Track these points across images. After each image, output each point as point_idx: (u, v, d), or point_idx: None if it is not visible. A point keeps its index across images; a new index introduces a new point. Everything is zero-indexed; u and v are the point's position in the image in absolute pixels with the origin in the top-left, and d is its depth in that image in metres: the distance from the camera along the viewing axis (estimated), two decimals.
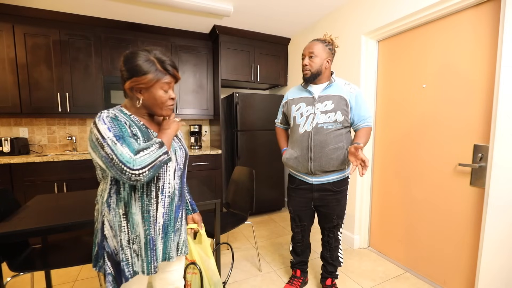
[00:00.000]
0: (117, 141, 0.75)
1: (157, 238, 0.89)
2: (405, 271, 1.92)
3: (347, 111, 1.41)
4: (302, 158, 1.46)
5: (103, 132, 0.75)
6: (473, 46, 1.48)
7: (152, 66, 0.82)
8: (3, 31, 2.25)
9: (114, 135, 0.76)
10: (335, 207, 1.51)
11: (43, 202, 1.45)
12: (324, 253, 1.64)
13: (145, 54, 0.83)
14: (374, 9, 1.98)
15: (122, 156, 0.73)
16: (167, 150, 0.83)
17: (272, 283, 1.79)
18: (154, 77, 0.82)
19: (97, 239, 0.86)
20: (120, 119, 0.82)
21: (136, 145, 0.79)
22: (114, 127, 0.78)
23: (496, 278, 1.35)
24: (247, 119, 2.90)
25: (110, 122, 0.78)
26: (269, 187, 3.11)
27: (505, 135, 1.29)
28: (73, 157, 2.32)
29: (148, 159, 0.76)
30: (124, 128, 0.80)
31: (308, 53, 1.41)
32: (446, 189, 1.65)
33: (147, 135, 0.87)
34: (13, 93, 2.31)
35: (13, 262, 1.26)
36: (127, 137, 0.78)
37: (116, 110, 0.86)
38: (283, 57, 3.19)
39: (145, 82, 0.82)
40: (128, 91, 0.86)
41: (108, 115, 0.80)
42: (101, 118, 0.78)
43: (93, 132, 0.78)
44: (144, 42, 2.71)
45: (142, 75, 0.81)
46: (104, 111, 0.82)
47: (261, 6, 2.33)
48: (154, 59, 0.83)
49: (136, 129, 0.85)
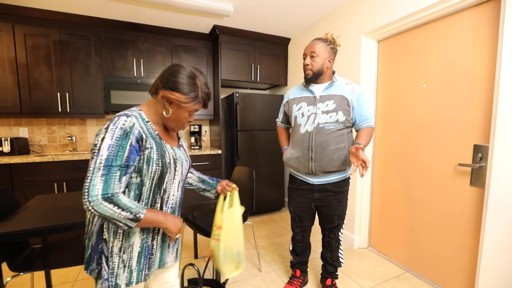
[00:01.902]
0: (103, 169, 0.72)
1: (155, 247, 0.89)
2: (405, 271, 1.91)
3: (348, 111, 1.40)
4: (303, 158, 1.46)
5: (102, 147, 0.73)
6: (473, 46, 1.48)
7: (194, 91, 0.83)
8: (3, 31, 2.25)
9: (107, 158, 0.73)
10: (335, 208, 1.50)
11: (43, 202, 1.45)
12: (324, 253, 1.63)
13: (193, 76, 0.83)
14: (374, 9, 1.98)
15: (93, 186, 0.71)
16: (134, 227, 0.78)
17: (272, 283, 1.79)
18: (191, 101, 0.83)
19: (91, 242, 0.84)
20: (133, 130, 0.78)
21: (117, 185, 0.74)
22: (114, 148, 0.74)
23: (496, 278, 1.35)
24: (247, 119, 2.90)
25: (116, 139, 0.74)
26: (269, 187, 3.11)
27: (505, 135, 1.29)
28: (73, 157, 2.32)
29: (108, 213, 0.72)
30: (121, 152, 0.75)
31: (310, 53, 1.40)
32: (446, 189, 1.65)
33: (160, 146, 0.84)
34: (13, 93, 2.31)
35: (13, 262, 1.26)
36: (115, 168, 0.74)
37: (134, 116, 0.81)
38: (283, 57, 3.19)
39: (181, 101, 0.82)
40: (160, 97, 0.84)
41: (122, 128, 0.76)
42: (113, 130, 0.75)
43: (98, 136, 0.75)
44: (144, 42, 2.71)
45: (182, 93, 0.82)
46: (122, 118, 0.77)
47: (261, 6, 2.33)
48: (199, 86, 0.84)
49: (150, 141, 0.82)
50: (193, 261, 2.09)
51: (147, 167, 0.81)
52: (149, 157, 0.81)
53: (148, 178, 0.82)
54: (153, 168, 0.81)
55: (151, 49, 2.76)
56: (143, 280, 0.87)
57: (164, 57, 2.81)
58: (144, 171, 0.81)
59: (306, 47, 1.43)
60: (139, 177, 0.81)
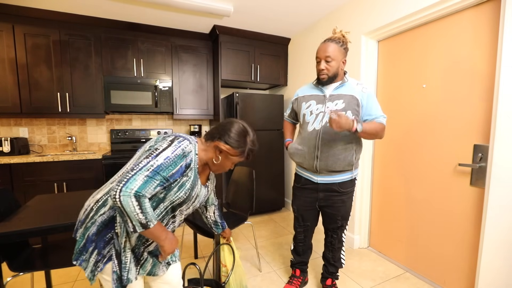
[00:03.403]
0: (150, 172, 0.79)
1: (145, 254, 0.95)
2: (405, 271, 1.91)
3: (358, 110, 1.38)
4: (309, 155, 1.45)
5: (161, 154, 0.82)
6: (473, 46, 1.48)
7: (243, 147, 0.97)
8: (3, 31, 2.25)
9: (159, 165, 0.80)
10: (340, 208, 1.49)
11: (43, 202, 1.45)
12: (326, 254, 1.63)
13: (247, 135, 0.98)
14: (374, 9, 1.98)
15: (134, 181, 0.76)
16: (137, 232, 0.80)
17: (272, 283, 1.79)
18: (238, 154, 0.97)
19: (89, 232, 0.85)
20: (188, 156, 0.88)
21: (150, 190, 0.79)
22: (170, 160, 0.83)
23: (496, 278, 1.35)
24: (247, 119, 2.90)
25: (175, 156, 0.84)
26: (269, 187, 3.11)
27: (505, 135, 1.29)
28: (73, 157, 2.32)
29: (129, 208, 0.75)
30: (172, 167, 0.83)
31: (325, 57, 1.35)
32: (446, 189, 1.65)
33: (195, 180, 0.93)
34: (13, 93, 2.31)
35: (13, 262, 1.26)
36: (160, 176, 0.81)
37: (194, 145, 0.92)
38: (283, 57, 3.19)
39: (229, 152, 0.95)
40: (214, 146, 0.95)
41: (183, 150, 0.86)
42: (176, 147, 0.85)
43: (162, 143, 0.86)
44: (144, 42, 2.71)
45: (233, 147, 0.95)
46: (186, 142, 0.89)
47: (261, 6, 2.33)
48: (247, 143, 0.97)
49: (192, 171, 0.91)
50: (193, 261, 2.08)
51: (177, 191, 0.88)
52: (183, 184, 0.89)
53: (170, 199, 0.89)
54: (180, 194, 0.89)
55: (151, 49, 2.76)
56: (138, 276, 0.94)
57: (164, 57, 2.81)
58: (172, 192, 0.88)
59: (320, 50, 1.38)
60: (164, 194, 0.87)
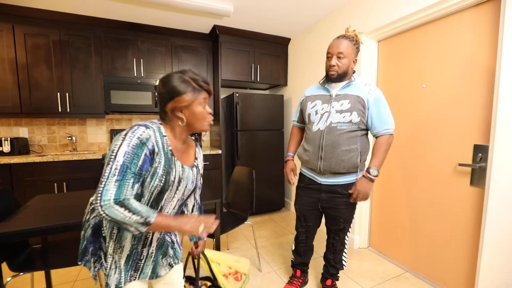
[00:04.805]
0: (117, 174, 0.74)
1: (144, 254, 0.92)
2: (405, 271, 1.91)
3: (363, 112, 1.35)
4: (313, 156, 1.44)
5: (118, 153, 0.75)
6: (473, 46, 1.48)
7: (188, 86, 0.86)
8: (3, 31, 2.25)
9: (122, 164, 0.74)
10: (342, 210, 1.47)
11: (43, 202, 1.45)
12: (327, 255, 1.62)
13: (179, 75, 0.86)
14: (374, 9, 1.98)
15: (107, 192, 0.72)
16: (143, 232, 0.78)
17: (272, 283, 1.79)
18: (192, 95, 0.86)
19: (87, 233, 0.87)
20: (149, 142, 0.80)
21: (129, 191, 0.76)
22: (130, 154, 0.76)
23: (496, 278, 1.35)
24: (247, 119, 2.90)
25: (133, 147, 0.77)
26: (269, 187, 3.11)
27: (505, 135, 1.29)
28: (73, 157, 2.32)
29: (119, 217, 0.72)
30: (136, 160, 0.77)
31: (337, 53, 1.33)
32: (446, 189, 1.65)
33: (169, 163, 0.86)
34: (13, 93, 2.31)
35: (13, 262, 1.26)
36: (130, 174, 0.76)
37: (153, 129, 0.83)
38: (283, 57, 3.19)
39: (186, 101, 0.85)
40: (170, 113, 0.87)
41: (139, 138, 0.78)
42: (130, 138, 0.77)
43: (116, 142, 0.77)
44: (144, 42, 2.71)
45: (181, 94, 0.85)
46: (141, 128, 0.80)
47: (261, 6, 2.33)
48: (189, 79, 0.86)
49: (161, 156, 0.84)
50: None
51: (150, 181, 0.82)
52: (155, 172, 0.82)
53: (148, 191, 0.83)
54: (155, 182, 0.82)
55: (151, 49, 2.76)
56: (128, 280, 0.89)
57: (164, 57, 2.81)
58: (146, 183, 0.82)
59: (332, 46, 1.35)
60: (140, 188, 0.82)
